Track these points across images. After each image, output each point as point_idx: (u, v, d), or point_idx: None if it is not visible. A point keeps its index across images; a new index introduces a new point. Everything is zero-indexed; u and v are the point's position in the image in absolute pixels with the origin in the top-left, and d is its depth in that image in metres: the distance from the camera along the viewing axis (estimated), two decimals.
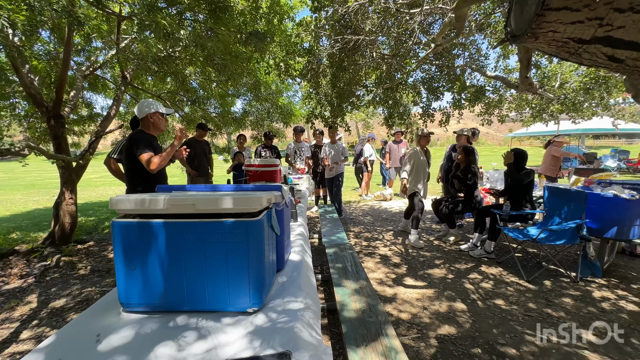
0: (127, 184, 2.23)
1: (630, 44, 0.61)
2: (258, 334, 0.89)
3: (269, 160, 3.82)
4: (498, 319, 2.33)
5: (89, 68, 4.86)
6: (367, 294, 1.77)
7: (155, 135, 2.24)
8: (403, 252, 3.83)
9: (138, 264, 0.96)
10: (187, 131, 2.12)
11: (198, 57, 3.98)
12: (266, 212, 1.06)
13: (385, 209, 6.37)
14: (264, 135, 5.51)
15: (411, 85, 4.86)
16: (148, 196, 0.96)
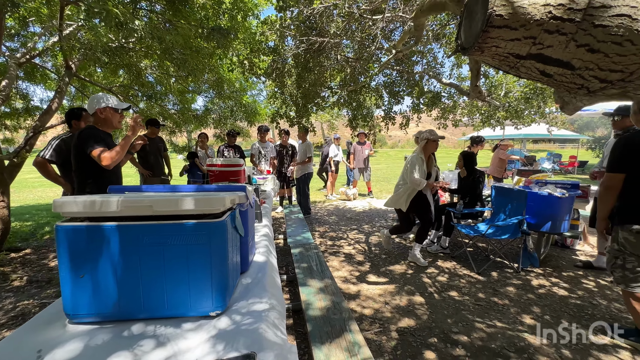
0: (76, 185, 2.04)
1: (557, 61, 0.70)
2: (221, 338, 0.87)
3: (233, 160, 3.72)
4: (452, 309, 2.50)
5: (25, 55, 4.35)
6: (331, 292, 1.81)
7: (109, 132, 2.08)
8: (366, 250, 3.95)
9: (87, 271, 0.89)
10: (142, 120, 1.98)
11: (155, 49, 3.76)
12: (230, 213, 1.04)
13: (350, 209, 6.51)
14: (227, 134, 5.35)
15: (374, 89, 5.04)
16: (99, 197, 0.90)
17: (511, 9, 0.66)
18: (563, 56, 0.69)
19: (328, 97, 5.04)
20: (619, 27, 0.61)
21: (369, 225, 5.14)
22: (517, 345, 2.05)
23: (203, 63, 3.69)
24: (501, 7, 0.66)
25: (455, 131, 12.60)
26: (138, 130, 1.96)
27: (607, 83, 0.71)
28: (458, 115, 5.40)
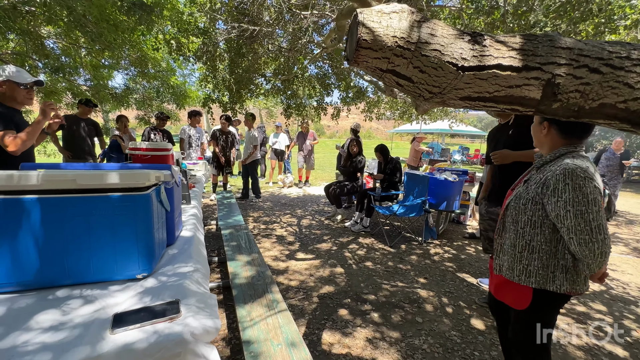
0: None
1: (404, 76, 1.01)
2: (148, 293, 1.01)
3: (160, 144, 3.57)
4: (365, 276, 2.94)
5: None
6: (257, 264, 2.02)
7: (19, 109, 1.89)
8: (297, 232, 4.24)
9: (5, 243, 0.93)
10: (54, 105, 1.85)
11: (60, 16, 3.33)
12: (155, 187, 1.16)
13: (285, 195, 6.74)
14: (156, 117, 5.03)
15: (307, 79, 5.27)
16: (17, 172, 0.93)
17: (372, 37, 0.93)
18: (407, 73, 0.99)
19: (262, 84, 5.09)
20: (434, 57, 0.93)
21: (301, 210, 5.45)
22: (411, 298, 2.56)
23: (122, 38, 3.42)
24: (366, 34, 0.93)
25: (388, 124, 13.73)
26: (49, 115, 1.82)
27: (432, 94, 1.04)
28: (382, 109, 5.99)
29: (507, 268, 1.24)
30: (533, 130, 1.31)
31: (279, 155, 8.06)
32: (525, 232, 1.19)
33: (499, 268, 1.29)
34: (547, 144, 1.24)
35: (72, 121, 3.98)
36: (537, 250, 1.16)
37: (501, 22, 2.86)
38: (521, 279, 1.20)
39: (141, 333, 0.81)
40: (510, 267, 1.23)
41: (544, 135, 1.24)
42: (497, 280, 1.32)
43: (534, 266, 1.17)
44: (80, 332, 0.81)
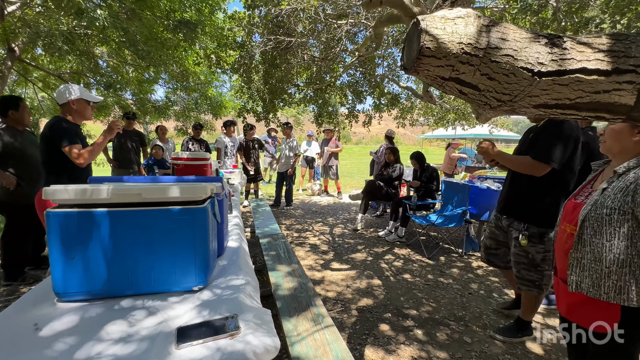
0: (45, 176, 1.99)
1: (469, 84, 0.95)
2: (205, 306, 1.01)
3: (199, 153, 3.72)
4: (404, 289, 2.83)
5: None
6: (298, 275, 2.00)
7: (79, 123, 2.06)
8: (330, 240, 4.20)
9: (78, 253, 0.98)
10: (121, 124, 2.02)
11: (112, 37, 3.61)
12: (209, 200, 1.18)
13: (315, 203, 6.74)
14: (193, 127, 5.27)
15: (339, 88, 5.27)
16: (90, 186, 0.99)
17: (436, 44, 0.88)
18: (472, 80, 0.93)
19: (294, 93, 5.17)
20: (506, 63, 0.87)
21: (333, 218, 5.40)
22: (457, 315, 2.41)
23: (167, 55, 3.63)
24: (429, 42, 0.89)
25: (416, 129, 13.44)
26: (115, 132, 1.99)
27: (501, 102, 0.97)
28: (415, 115, 5.84)
29: (591, 285, 1.11)
30: (615, 136, 1.18)
31: (310, 163, 8.11)
32: (613, 245, 1.06)
33: (577, 285, 1.16)
34: (635, 150, 1.13)
35: (119, 133, 4.28)
36: (629, 264, 1.04)
37: (552, 21, 2.67)
38: (610, 296, 1.07)
39: (205, 349, 0.81)
40: (596, 284, 1.10)
41: (636, 142, 1.12)
42: (574, 299, 1.19)
43: (624, 281, 1.04)
44: (148, 345, 0.82)
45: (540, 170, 1.87)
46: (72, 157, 1.85)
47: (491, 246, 2.28)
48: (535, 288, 1.96)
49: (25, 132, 2.78)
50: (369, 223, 5.09)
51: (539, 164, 1.85)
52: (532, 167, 1.89)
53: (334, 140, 7.00)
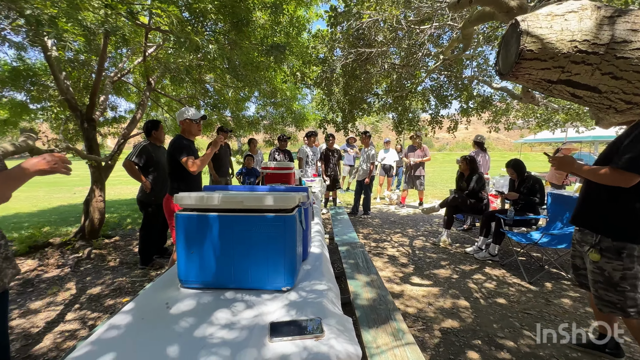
0: (169, 184, 2.50)
1: (585, 86, 0.83)
2: (293, 306, 1.11)
3: (285, 163, 4.08)
4: (499, 315, 2.50)
5: (117, 74, 5.20)
6: (377, 287, 1.98)
7: (192, 139, 2.52)
8: (410, 253, 4.01)
9: (196, 249, 1.20)
10: (223, 139, 2.44)
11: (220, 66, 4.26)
12: (297, 209, 1.29)
13: (393, 212, 6.54)
14: (278, 139, 5.77)
15: (420, 93, 5.05)
16: (205, 194, 1.20)
17: (541, 45, 0.80)
18: (590, 82, 0.81)
19: (374, 102, 5.17)
20: (638, 59, 0.73)
21: (413, 230, 5.15)
22: (569, 356, 2.01)
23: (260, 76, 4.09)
24: (531, 43, 0.81)
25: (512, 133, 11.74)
26: (218, 146, 2.39)
27: (632, 104, 0.81)
28: (512, 118, 5.16)
29: None
30: None
31: (387, 171, 7.95)
32: None
33: None
34: None
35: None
36: None
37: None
38: None
39: (294, 346, 0.88)
40: None
41: None
42: None
43: None
44: (247, 334, 0.95)
45: (629, 181, 1.51)
46: (188, 166, 2.27)
47: (580, 266, 1.90)
48: (619, 310, 1.65)
49: (161, 147, 3.52)
50: (454, 237, 4.68)
51: (626, 173, 1.49)
52: (618, 178, 1.53)
53: (425, 148, 6.57)
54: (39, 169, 1.10)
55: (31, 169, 1.09)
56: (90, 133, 4.26)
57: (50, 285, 3.03)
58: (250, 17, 3.46)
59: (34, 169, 1.09)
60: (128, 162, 3.27)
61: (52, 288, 2.96)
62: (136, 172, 3.29)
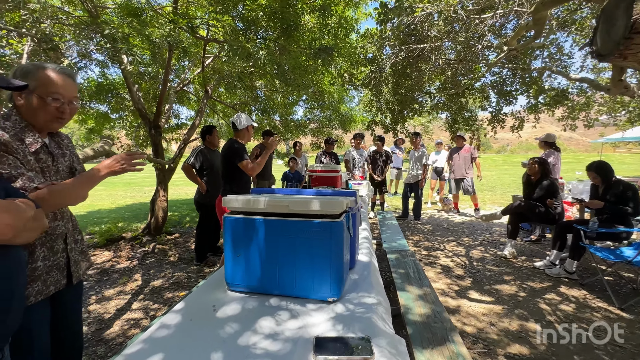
0: (223, 184, 2.63)
1: None
2: (339, 320, 1.03)
3: (331, 165, 4.03)
4: (580, 345, 2.12)
5: (180, 85, 5.68)
6: (431, 301, 1.81)
7: (245, 144, 2.63)
8: (467, 264, 3.66)
9: (242, 252, 1.19)
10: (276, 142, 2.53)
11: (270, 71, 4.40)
12: (344, 214, 1.21)
13: (446, 219, 6.10)
14: (325, 142, 5.76)
15: (479, 90, 4.63)
16: (252, 197, 1.19)
17: None
18: None
19: (425, 102, 4.89)
20: None
21: (469, 238, 4.73)
22: None
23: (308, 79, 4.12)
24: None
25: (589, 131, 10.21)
26: (273, 149, 2.48)
27: None
28: (593, 113, 4.45)
29: None
30: None
31: (439, 174, 7.47)
32: None
33: None
34: None
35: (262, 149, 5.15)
36: None
37: None
38: None
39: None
40: None
41: None
42: None
43: None
44: (291, 347, 0.89)
45: None
46: (247, 169, 2.36)
47: None
48: None
49: (215, 150, 3.73)
50: (520, 249, 4.17)
51: None
52: None
53: (468, 149, 6.08)
54: (111, 170, 1.19)
55: (103, 170, 1.18)
56: (156, 138, 4.69)
57: (121, 276, 3.37)
58: (299, 22, 3.49)
59: (106, 171, 1.18)
60: (186, 165, 3.52)
61: (122, 278, 3.29)
62: (193, 175, 3.53)
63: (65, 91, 1.20)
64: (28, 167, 1.13)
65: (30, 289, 1.15)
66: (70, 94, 1.23)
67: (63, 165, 1.30)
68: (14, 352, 1.07)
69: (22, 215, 0.83)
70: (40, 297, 1.19)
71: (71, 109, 1.25)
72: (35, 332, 1.19)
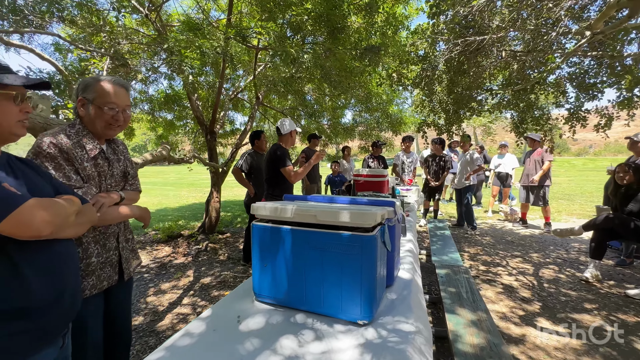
0: (266, 189, 2.68)
1: None
2: (369, 348, 0.91)
3: (377, 170, 3.84)
4: None
5: (234, 92, 6.03)
6: (486, 329, 1.55)
7: (289, 148, 2.65)
8: (535, 285, 3.18)
9: (269, 262, 1.14)
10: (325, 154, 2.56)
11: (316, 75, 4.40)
12: (379, 227, 1.08)
13: (511, 230, 5.42)
14: (372, 145, 5.58)
15: (553, 84, 4.01)
16: (280, 205, 1.13)
17: None
18: None
19: (485, 100, 4.41)
20: None
21: (539, 255, 4.12)
22: None
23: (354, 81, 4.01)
24: None
25: None
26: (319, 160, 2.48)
27: None
28: None
29: None
30: None
31: (504, 180, 6.71)
32: None
33: None
34: None
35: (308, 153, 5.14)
36: None
37: None
38: None
39: None
40: None
41: None
42: None
43: None
44: None
45: None
46: (289, 176, 2.37)
47: None
48: None
49: (263, 154, 3.85)
50: (607, 272, 3.49)
51: None
52: None
53: (540, 152, 5.30)
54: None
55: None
56: (211, 143, 5.02)
57: (176, 271, 3.64)
58: (345, 23, 3.42)
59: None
60: (236, 169, 3.68)
61: (177, 273, 3.55)
62: (242, 178, 3.67)
63: (119, 100, 1.30)
64: (84, 173, 1.24)
65: (85, 282, 1.24)
66: (123, 103, 1.33)
67: (117, 170, 1.41)
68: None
69: (61, 212, 0.88)
70: (95, 291, 1.28)
71: (125, 117, 1.35)
72: (90, 324, 1.29)
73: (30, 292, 0.84)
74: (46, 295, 0.88)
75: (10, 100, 0.81)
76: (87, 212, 1.02)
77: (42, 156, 1.13)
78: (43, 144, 1.14)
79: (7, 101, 0.81)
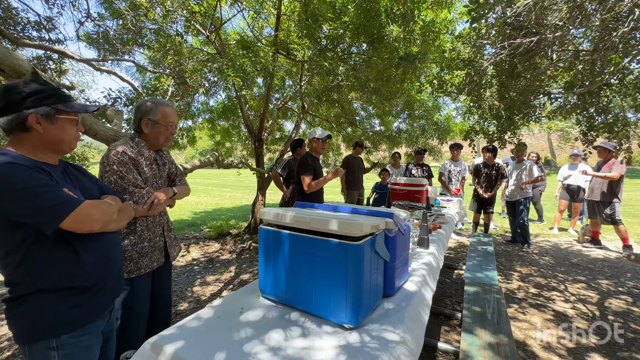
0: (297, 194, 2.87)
1: None
2: (346, 350, 0.97)
3: (416, 179, 3.75)
4: None
5: (282, 102, 6.41)
6: (503, 354, 1.46)
7: (317, 157, 2.78)
8: (597, 316, 2.77)
9: (271, 262, 1.26)
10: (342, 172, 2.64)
11: (353, 84, 4.48)
12: (370, 237, 1.13)
13: (579, 251, 4.75)
14: (415, 152, 5.42)
15: (630, 84, 3.46)
16: (281, 210, 1.25)
17: None
18: None
19: (544, 104, 4.00)
20: None
21: (609, 282, 3.56)
22: None
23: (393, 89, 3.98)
24: None
25: None
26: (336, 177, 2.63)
27: None
28: None
29: None
30: None
31: (574, 194, 5.91)
32: None
33: None
34: None
35: (352, 160, 5.18)
36: None
37: None
38: None
39: None
40: None
41: None
42: None
43: None
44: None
45: None
46: (304, 185, 2.49)
47: None
48: None
49: None
50: None
51: None
52: None
53: (611, 163, 4.49)
54: None
55: None
56: (259, 150, 5.41)
57: (221, 266, 4.01)
58: (383, 33, 3.44)
59: None
60: (275, 173, 3.95)
61: (221, 268, 3.91)
62: (279, 182, 3.92)
63: (175, 119, 1.64)
64: (144, 176, 1.54)
65: (141, 262, 1.54)
66: (176, 121, 1.65)
67: (164, 172, 1.71)
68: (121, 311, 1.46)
69: (108, 211, 1.12)
70: (148, 269, 1.58)
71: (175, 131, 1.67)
72: (142, 296, 1.58)
73: (87, 272, 1.09)
74: (99, 275, 1.13)
75: (73, 123, 1.08)
76: (126, 209, 1.26)
77: (117, 162, 1.44)
78: (117, 153, 1.45)
79: (70, 124, 1.07)
